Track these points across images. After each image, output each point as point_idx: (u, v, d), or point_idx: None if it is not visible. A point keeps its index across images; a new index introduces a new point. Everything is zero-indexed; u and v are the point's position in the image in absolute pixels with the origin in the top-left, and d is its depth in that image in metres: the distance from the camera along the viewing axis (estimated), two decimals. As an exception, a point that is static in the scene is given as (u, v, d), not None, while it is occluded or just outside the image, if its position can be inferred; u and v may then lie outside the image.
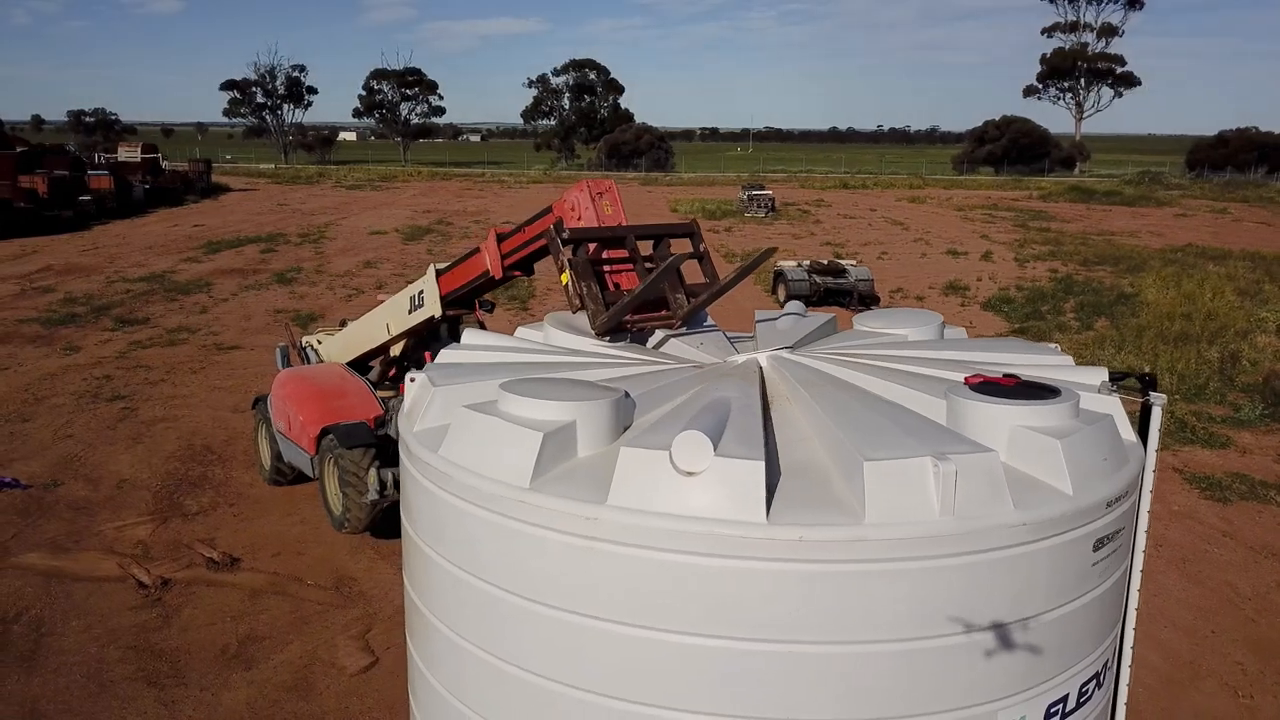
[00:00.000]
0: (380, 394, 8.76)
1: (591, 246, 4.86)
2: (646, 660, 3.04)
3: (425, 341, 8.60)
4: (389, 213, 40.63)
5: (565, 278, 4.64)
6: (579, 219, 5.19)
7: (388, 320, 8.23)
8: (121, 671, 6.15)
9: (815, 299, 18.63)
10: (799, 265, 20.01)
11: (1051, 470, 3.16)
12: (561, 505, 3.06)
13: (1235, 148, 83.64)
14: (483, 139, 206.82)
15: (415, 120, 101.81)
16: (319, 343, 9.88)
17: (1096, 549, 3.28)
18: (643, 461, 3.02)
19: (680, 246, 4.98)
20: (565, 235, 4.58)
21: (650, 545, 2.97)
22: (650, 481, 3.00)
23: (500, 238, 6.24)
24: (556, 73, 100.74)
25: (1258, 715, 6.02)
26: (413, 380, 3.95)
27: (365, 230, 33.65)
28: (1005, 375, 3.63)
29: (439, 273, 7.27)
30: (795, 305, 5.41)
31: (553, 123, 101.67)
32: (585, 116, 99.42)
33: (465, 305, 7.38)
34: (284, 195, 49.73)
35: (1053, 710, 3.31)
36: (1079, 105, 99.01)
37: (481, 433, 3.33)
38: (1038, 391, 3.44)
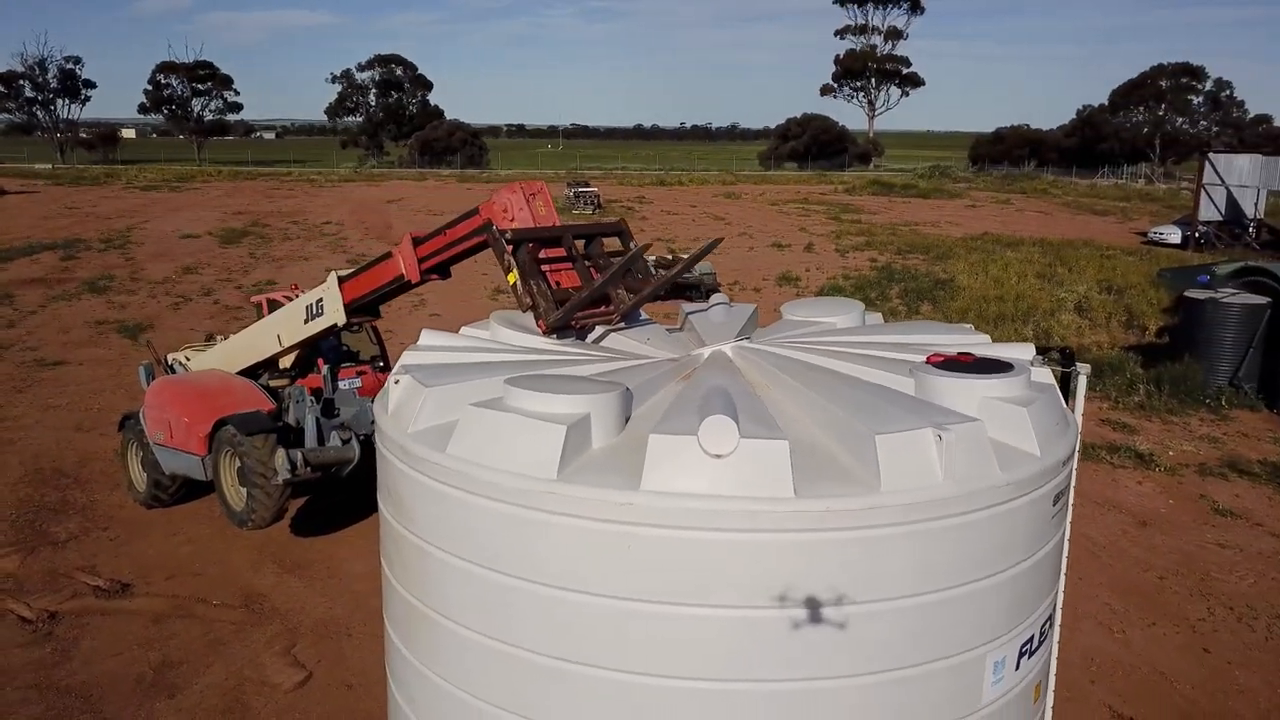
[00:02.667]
0: (273, 383, 8.49)
1: (530, 246, 4.93)
2: (687, 636, 3.19)
3: (317, 352, 8.38)
4: (196, 215, 38.33)
5: (512, 277, 4.71)
6: (512, 220, 5.24)
7: (279, 331, 7.92)
8: (28, 713, 5.69)
9: (664, 293, 19.03)
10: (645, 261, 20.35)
11: (1020, 435, 3.53)
12: (594, 494, 3.17)
13: (1010, 144, 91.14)
14: (278, 136, 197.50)
15: (210, 117, 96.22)
16: (187, 359, 9.34)
17: (1055, 503, 3.69)
18: (672, 446, 3.16)
19: (611, 244, 5.14)
20: (509, 236, 4.65)
21: (685, 525, 3.12)
22: (680, 465, 3.15)
23: (417, 241, 6.17)
24: (361, 68, 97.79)
25: (1131, 647, 6.81)
26: (396, 382, 3.93)
27: (174, 234, 31.65)
28: (960, 353, 4.00)
29: (341, 280, 7.09)
30: (720, 297, 5.67)
31: (359, 119, 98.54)
32: (393, 113, 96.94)
33: (370, 312, 7.23)
34: (71, 197, 45.96)
35: (1024, 650, 3.70)
36: (871, 104, 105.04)
37: (498, 429, 3.38)
38: (995, 366, 3.81)
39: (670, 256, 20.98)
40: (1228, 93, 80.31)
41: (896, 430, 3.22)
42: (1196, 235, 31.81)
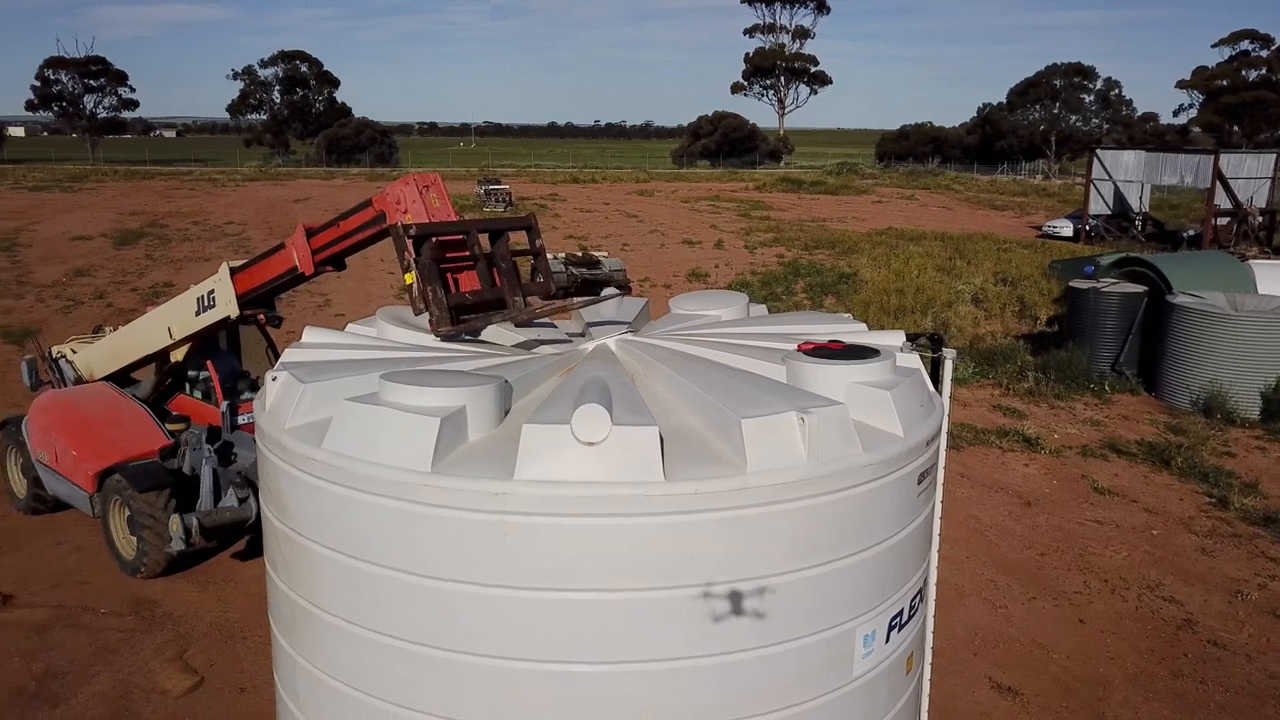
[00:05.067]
0: (169, 426, 8.17)
1: (434, 243, 4.86)
2: (559, 620, 3.26)
3: (205, 350, 8.15)
4: (89, 216, 36.92)
5: (410, 278, 4.62)
6: (405, 212, 5.20)
7: (169, 324, 7.70)
8: (-101, 731, 5.49)
9: (573, 289, 19.13)
10: (555, 258, 20.43)
11: (884, 417, 3.69)
12: (468, 484, 3.22)
13: (915, 140, 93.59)
14: (179, 134, 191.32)
15: (103, 114, 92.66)
16: (73, 352, 8.98)
17: (920, 482, 3.87)
18: (545, 436, 3.23)
19: (518, 239, 5.12)
20: (413, 232, 4.59)
21: (559, 512, 3.19)
22: (553, 454, 3.22)
23: (310, 232, 6.10)
24: (264, 64, 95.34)
25: (1012, 620, 7.13)
26: (274, 379, 3.90)
27: (66, 235, 30.43)
28: (830, 341, 4.16)
29: (234, 271, 6.95)
30: (611, 291, 5.76)
31: (263, 117, 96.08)
32: (299, 110, 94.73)
33: (264, 304, 7.09)
34: (-47, 199, 43.83)
35: (893, 623, 3.86)
36: (781, 102, 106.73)
37: (373, 423, 3.40)
38: (862, 352, 3.98)
39: (581, 254, 21.06)
40: (1117, 91, 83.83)
41: (762, 414, 3.34)
42: (1087, 228, 33.16)
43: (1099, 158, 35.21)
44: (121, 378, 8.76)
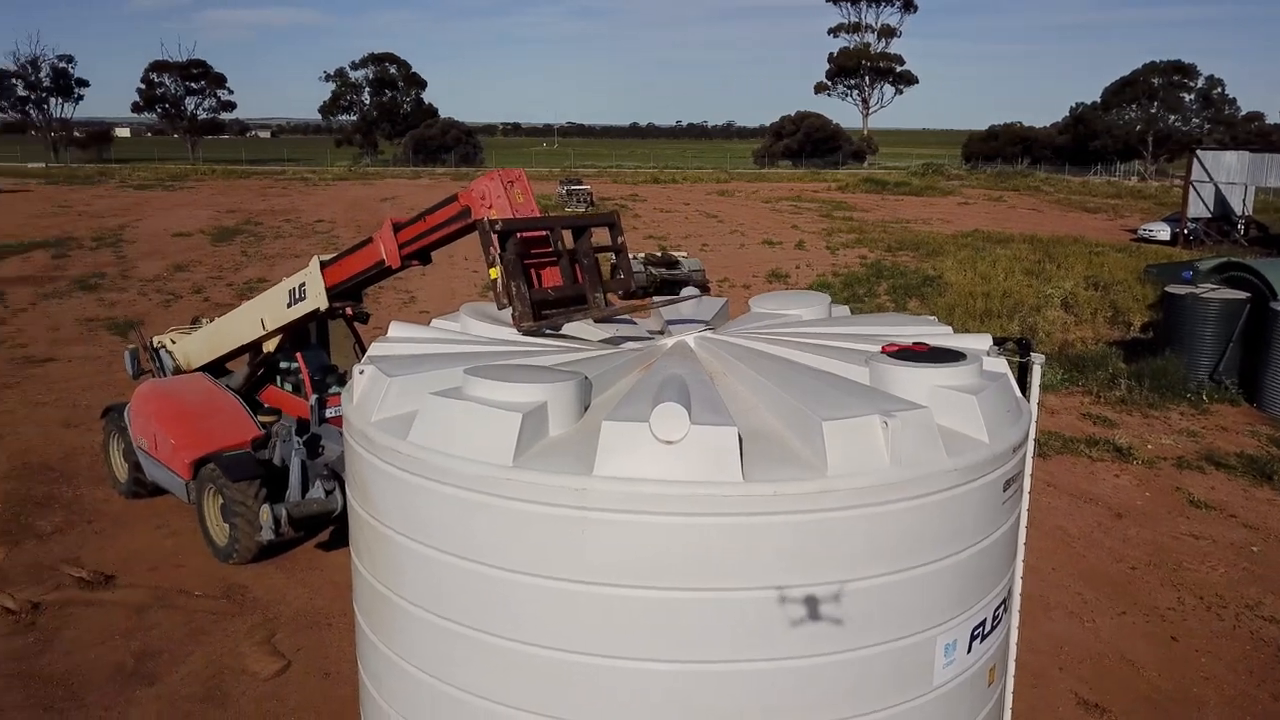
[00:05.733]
0: (261, 418, 8.47)
1: (518, 239, 4.92)
2: (633, 616, 3.27)
3: (295, 343, 8.40)
4: (189, 213, 38.35)
5: (495, 273, 4.69)
6: (490, 207, 5.27)
7: (262, 315, 7.97)
8: (9, 700, 5.77)
9: (652, 290, 19.19)
10: (634, 258, 20.53)
11: (970, 422, 3.61)
12: (549, 479, 3.25)
13: (1003, 141, 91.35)
14: (273, 135, 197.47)
15: (203, 116, 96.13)
16: (172, 342, 9.37)
17: (1006, 489, 3.77)
18: (624, 433, 3.24)
19: (600, 235, 5.15)
20: (499, 227, 4.64)
21: (636, 509, 3.20)
22: (632, 451, 3.23)
23: (397, 226, 6.23)
24: (355, 66, 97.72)
25: (1100, 635, 6.91)
26: (361, 373, 4.00)
27: (167, 232, 31.68)
28: (915, 343, 4.09)
29: (324, 264, 7.15)
30: (691, 290, 5.75)
31: (353, 118, 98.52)
32: (387, 111, 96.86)
33: (352, 297, 7.29)
34: (63, 196, 45.94)
35: (975, 633, 3.78)
36: (865, 102, 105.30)
37: (456, 417, 3.45)
38: (947, 355, 3.90)
39: (660, 254, 21.09)
40: (1219, 90, 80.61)
41: (844, 416, 3.30)
42: (1185, 232, 31.95)
43: (1199, 158, 33.88)
44: (217, 369, 9.09)
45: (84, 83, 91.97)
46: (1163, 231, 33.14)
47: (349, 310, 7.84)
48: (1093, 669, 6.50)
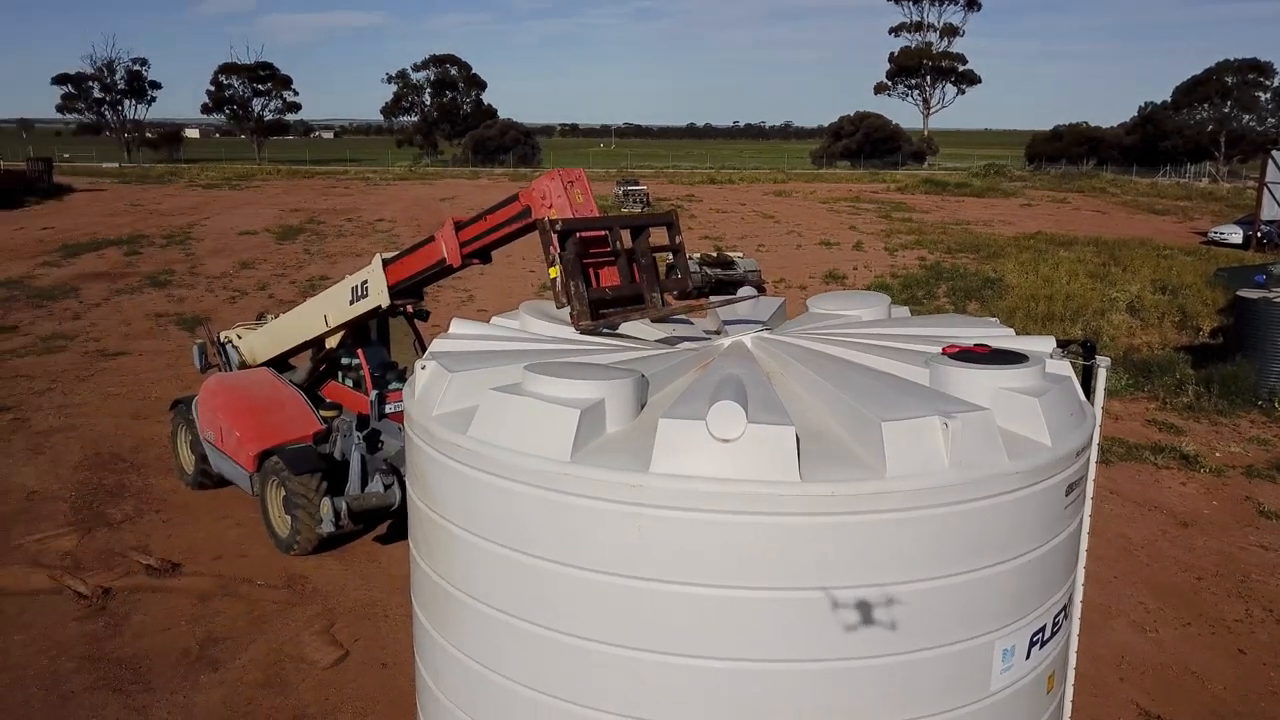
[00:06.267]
0: (323, 413, 8.66)
1: (577, 238, 4.96)
2: (686, 613, 3.29)
3: (357, 340, 8.57)
4: (254, 212, 39.25)
5: (554, 272, 4.73)
6: (550, 207, 5.32)
7: (326, 312, 8.16)
8: (80, 682, 5.99)
9: (707, 290, 19.16)
10: (690, 258, 20.50)
11: (1032, 425, 3.56)
12: (607, 475, 3.27)
13: (1068, 141, 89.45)
14: (336, 136, 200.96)
15: (269, 117, 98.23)
16: (238, 338, 9.64)
17: (1068, 493, 3.71)
18: (681, 431, 3.26)
19: (658, 236, 5.16)
20: (559, 227, 4.68)
21: (693, 507, 3.21)
22: (689, 449, 3.24)
23: (459, 225, 6.32)
24: (416, 68, 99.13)
25: (1163, 645, 6.76)
26: (423, 368, 4.07)
27: (233, 231, 32.47)
28: (977, 345, 4.04)
29: (386, 262, 7.29)
30: (748, 290, 5.74)
31: (414, 119, 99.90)
32: (447, 112, 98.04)
33: (413, 295, 7.41)
34: (136, 195, 47.32)
35: (1034, 639, 3.72)
36: (926, 102, 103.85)
37: (516, 412, 3.50)
38: (1009, 357, 3.85)
39: (715, 254, 21.05)
40: (1297, 89, 77.99)
41: (903, 417, 3.28)
42: (1258, 235, 31.01)
43: (1275, 159, 32.83)
44: (281, 364, 9.30)
45: (156, 85, 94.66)
46: (1235, 234, 32.20)
47: (410, 307, 7.98)
48: (1155, 680, 6.36)
